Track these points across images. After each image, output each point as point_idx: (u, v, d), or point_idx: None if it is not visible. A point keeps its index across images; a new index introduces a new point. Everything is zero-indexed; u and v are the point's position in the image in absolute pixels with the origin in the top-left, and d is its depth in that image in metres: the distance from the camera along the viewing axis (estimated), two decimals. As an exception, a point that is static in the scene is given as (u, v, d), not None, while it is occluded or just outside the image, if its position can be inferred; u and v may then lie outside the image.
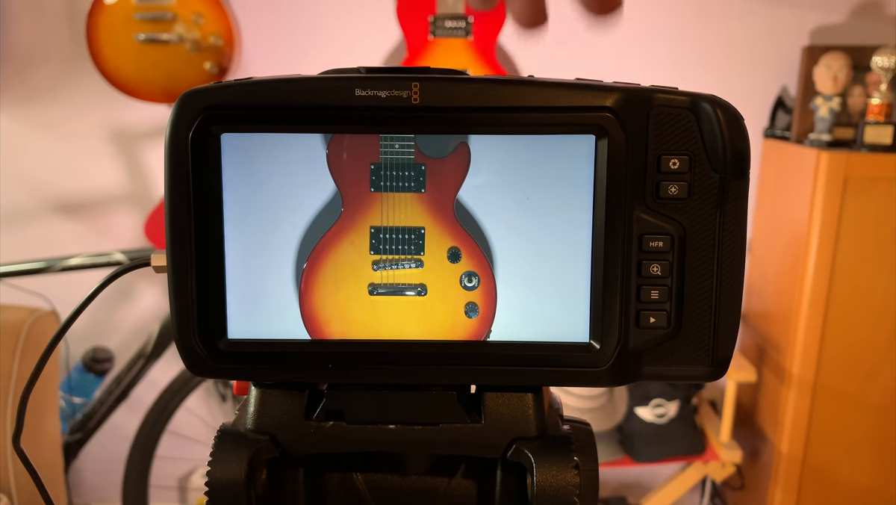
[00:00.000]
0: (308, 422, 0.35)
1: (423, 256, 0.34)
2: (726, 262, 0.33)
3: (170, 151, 0.32)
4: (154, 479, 1.70)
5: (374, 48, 1.76)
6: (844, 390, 1.54)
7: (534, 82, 0.32)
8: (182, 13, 1.55)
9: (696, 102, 0.32)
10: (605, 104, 0.32)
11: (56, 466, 1.43)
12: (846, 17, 1.70)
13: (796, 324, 1.52)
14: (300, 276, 0.34)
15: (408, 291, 0.34)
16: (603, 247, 0.33)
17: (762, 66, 1.73)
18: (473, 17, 1.63)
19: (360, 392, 0.35)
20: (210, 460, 0.34)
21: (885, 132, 1.46)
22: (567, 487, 0.34)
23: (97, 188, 1.86)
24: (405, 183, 0.33)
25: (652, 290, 0.33)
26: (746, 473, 1.76)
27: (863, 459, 1.57)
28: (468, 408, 0.36)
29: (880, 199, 1.45)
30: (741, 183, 0.33)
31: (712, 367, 0.34)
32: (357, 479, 0.39)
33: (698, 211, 0.33)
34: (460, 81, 0.32)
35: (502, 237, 0.34)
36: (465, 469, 0.38)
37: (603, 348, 0.34)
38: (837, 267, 1.47)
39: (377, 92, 0.31)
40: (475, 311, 0.34)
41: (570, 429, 0.37)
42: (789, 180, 1.59)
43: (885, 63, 1.45)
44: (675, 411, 1.70)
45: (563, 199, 0.33)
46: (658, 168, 0.33)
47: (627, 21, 1.74)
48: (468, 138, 0.33)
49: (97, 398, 1.68)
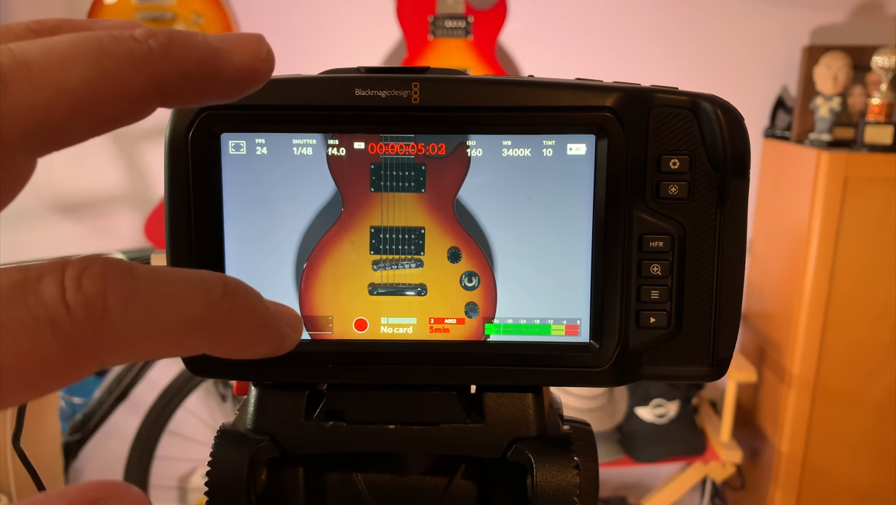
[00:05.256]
0: (308, 422, 0.35)
1: (423, 256, 0.34)
2: (726, 262, 0.33)
3: (170, 151, 0.32)
4: (154, 479, 1.70)
5: (373, 48, 1.76)
6: (844, 390, 1.54)
7: (534, 82, 0.32)
8: (182, 13, 1.55)
9: (696, 102, 0.32)
10: (605, 104, 0.32)
11: (56, 466, 1.43)
12: (846, 17, 1.70)
13: (796, 324, 1.52)
14: (300, 276, 0.34)
15: (408, 291, 0.34)
16: (603, 247, 0.33)
17: (762, 66, 1.73)
18: (473, 17, 1.63)
19: (360, 392, 0.35)
20: (210, 460, 0.34)
21: (885, 132, 1.46)
22: (567, 488, 0.34)
23: (97, 188, 1.86)
24: (405, 183, 0.33)
25: (652, 290, 0.33)
26: (746, 473, 1.76)
27: (863, 459, 1.57)
28: (468, 408, 0.35)
29: (880, 199, 1.45)
30: (741, 183, 0.33)
31: (712, 367, 0.34)
32: (357, 479, 0.39)
33: (698, 211, 0.33)
34: (460, 81, 0.32)
35: (502, 237, 0.34)
36: (465, 469, 0.38)
37: (603, 348, 0.34)
38: (837, 267, 1.47)
39: (377, 92, 0.31)
40: (475, 311, 0.34)
41: (570, 429, 0.36)
42: (789, 180, 1.59)
43: (885, 63, 1.45)
44: (675, 411, 1.70)
45: (563, 199, 0.33)
46: (658, 168, 0.33)
47: (628, 21, 1.74)
48: (468, 138, 0.33)
49: (97, 398, 1.68)
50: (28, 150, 0.15)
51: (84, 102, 0.15)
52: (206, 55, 0.17)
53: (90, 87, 0.15)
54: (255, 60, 0.18)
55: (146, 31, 0.16)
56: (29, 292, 0.14)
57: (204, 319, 0.16)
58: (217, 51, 0.17)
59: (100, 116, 0.16)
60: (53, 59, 0.15)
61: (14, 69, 0.14)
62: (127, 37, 0.16)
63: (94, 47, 0.15)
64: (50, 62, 0.15)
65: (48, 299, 0.14)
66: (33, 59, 0.15)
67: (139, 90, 0.16)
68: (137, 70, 0.16)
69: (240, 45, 0.17)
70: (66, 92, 0.15)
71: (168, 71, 0.16)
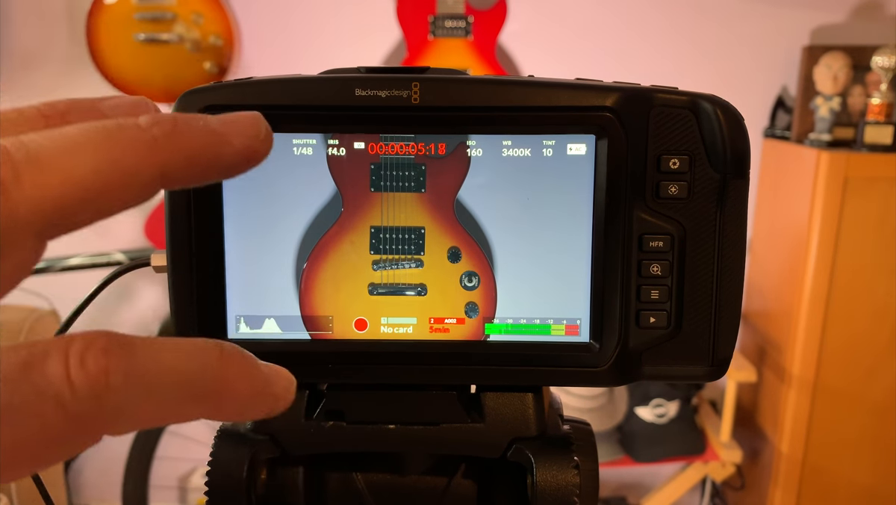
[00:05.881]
0: (308, 422, 0.35)
1: (423, 255, 0.34)
2: (726, 261, 0.33)
3: (170, 151, 0.32)
4: (154, 479, 1.70)
5: (373, 48, 1.76)
6: (844, 390, 1.53)
7: (534, 82, 0.32)
8: (182, 13, 1.55)
9: (696, 102, 0.32)
10: (605, 104, 0.32)
11: (56, 466, 1.43)
12: (846, 17, 1.70)
13: (796, 323, 1.52)
14: (300, 276, 0.34)
15: (408, 291, 0.34)
16: (603, 247, 0.33)
17: (762, 66, 1.73)
18: (473, 17, 1.63)
19: (360, 392, 0.35)
20: (210, 460, 0.34)
21: (885, 132, 1.46)
22: (567, 487, 0.34)
23: (97, 188, 1.86)
24: (405, 183, 0.33)
25: (652, 290, 0.33)
26: (746, 473, 1.76)
27: (863, 459, 1.57)
28: (468, 408, 0.35)
29: (880, 199, 1.45)
30: (741, 183, 0.33)
31: (712, 366, 0.34)
32: (357, 479, 0.39)
33: (698, 211, 0.33)
34: (460, 81, 0.32)
35: (502, 237, 0.34)
36: (465, 469, 0.38)
37: (603, 348, 0.34)
38: (837, 267, 1.47)
39: (377, 92, 0.31)
40: (475, 311, 0.34)
41: (570, 429, 0.36)
42: (789, 180, 1.59)
43: (885, 63, 1.45)
44: (675, 411, 1.70)
45: (563, 199, 0.33)
46: (658, 168, 0.33)
47: (628, 21, 1.74)
48: (468, 138, 0.33)
49: (97, 398, 1.68)
50: (39, 235, 0.16)
51: (93, 190, 0.16)
52: (208, 140, 0.18)
53: (99, 177, 0.16)
54: (254, 141, 0.18)
55: (151, 119, 0.17)
56: (35, 371, 0.15)
57: (202, 390, 0.17)
58: (218, 135, 0.18)
59: (108, 202, 0.17)
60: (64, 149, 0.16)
61: (26, 161, 0.16)
62: (132, 126, 0.17)
63: (102, 136, 0.16)
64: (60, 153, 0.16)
65: (54, 378, 0.15)
66: (44, 152, 0.16)
67: (145, 177, 0.17)
68: (143, 159, 0.17)
69: (239, 127, 0.18)
70: (76, 181, 0.16)
71: (172, 158, 0.17)
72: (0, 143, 0.16)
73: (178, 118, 0.18)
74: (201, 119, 0.18)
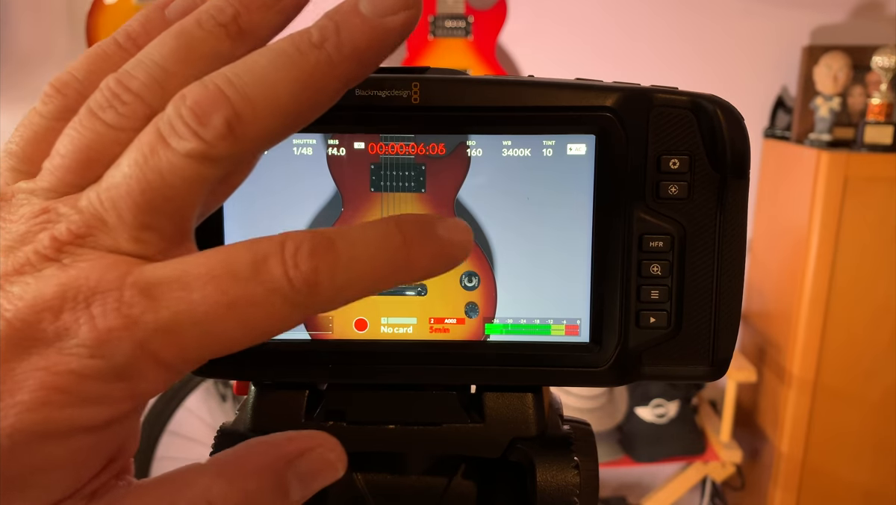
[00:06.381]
0: (308, 422, 0.35)
1: (423, 255, 0.34)
2: (726, 262, 0.33)
3: (170, 151, 0.32)
4: (154, 479, 1.69)
5: (374, 48, 1.76)
6: (844, 390, 1.54)
7: (534, 82, 0.32)
8: (182, 13, 1.55)
9: (696, 102, 0.32)
10: (605, 104, 0.32)
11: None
12: (846, 17, 1.70)
13: (796, 324, 1.52)
14: (300, 276, 0.34)
15: (407, 291, 0.34)
16: (603, 247, 0.33)
17: (762, 66, 1.73)
18: (473, 17, 1.63)
19: (360, 392, 0.35)
20: (210, 460, 0.34)
21: (885, 132, 1.46)
22: (567, 487, 0.34)
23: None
24: (405, 183, 0.33)
25: (652, 290, 0.33)
26: (746, 473, 1.76)
27: (863, 459, 1.57)
28: (468, 408, 0.35)
29: (880, 199, 1.45)
30: (741, 183, 0.33)
31: (712, 367, 0.34)
32: (357, 479, 0.39)
33: (698, 211, 0.33)
34: (460, 81, 0.32)
35: (502, 237, 0.34)
36: (465, 469, 0.38)
37: (603, 348, 0.34)
38: (837, 267, 1.47)
39: (377, 92, 0.31)
40: (475, 311, 0.34)
41: (570, 429, 0.36)
42: (789, 180, 1.59)
43: (885, 63, 1.45)
44: (675, 411, 1.70)
45: (563, 199, 0.33)
46: (658, 168, 0.33)
47: (628, 21, 1.74)
48: (468, 138, 0.33)
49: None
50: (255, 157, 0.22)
51: (292, 115, 0.19)
52: (372, 35, 0.20)
53: (296, 104, 0.19)
54: (409, 11, 0.20)
55: (319, 35, 0.19)
56: (262, 272, 0.18)
57: (392, 271, 0.19)
58: (377, 25, 0.20)
59: (303, 122, 0.20)
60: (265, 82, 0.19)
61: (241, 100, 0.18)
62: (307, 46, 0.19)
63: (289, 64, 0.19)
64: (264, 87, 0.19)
65: (277, 279, 0.18)
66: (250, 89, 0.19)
67: (331, 91, 0.20)
68: (327, 75, 0.19)
69: (390, 5, 0.20)
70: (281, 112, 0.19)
71: (350, 67, 0.20)
72: (213, 82, 0.18)
73: (339, 22, 0.19)
74: (357, 16, 0.19)
